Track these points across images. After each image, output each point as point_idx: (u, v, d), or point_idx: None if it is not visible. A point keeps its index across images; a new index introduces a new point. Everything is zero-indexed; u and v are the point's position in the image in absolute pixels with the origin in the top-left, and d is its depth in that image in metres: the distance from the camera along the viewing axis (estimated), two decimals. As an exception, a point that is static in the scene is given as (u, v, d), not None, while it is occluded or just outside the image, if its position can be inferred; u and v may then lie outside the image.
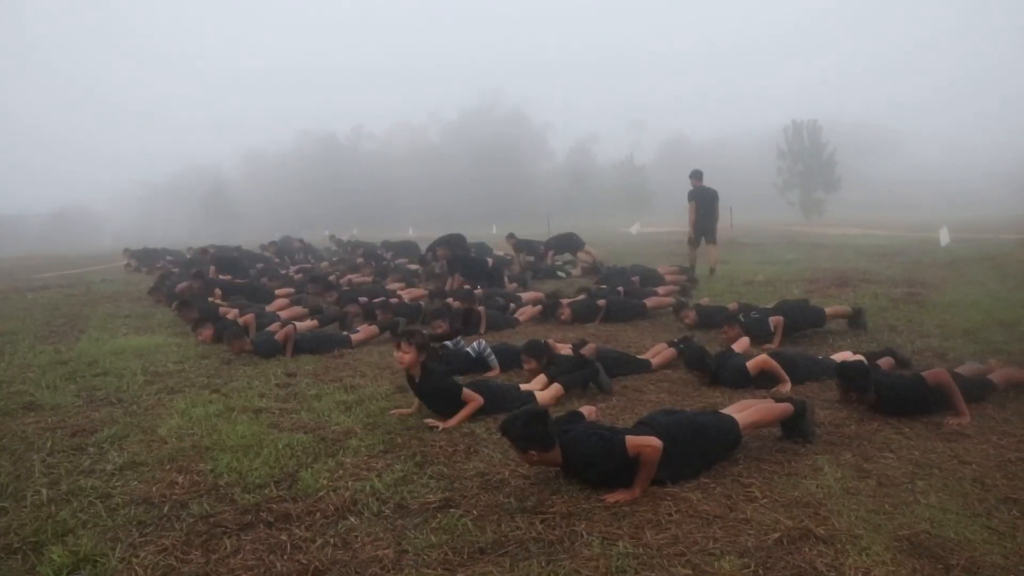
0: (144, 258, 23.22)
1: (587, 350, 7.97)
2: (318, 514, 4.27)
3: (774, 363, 6.89)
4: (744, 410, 5.28)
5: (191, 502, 4.50)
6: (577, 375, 6.89)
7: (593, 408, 5.71)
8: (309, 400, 6.82)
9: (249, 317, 10.04)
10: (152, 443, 5.66)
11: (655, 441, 4.48)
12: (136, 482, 4.86)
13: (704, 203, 15.97)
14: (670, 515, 4.15)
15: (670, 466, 4.59)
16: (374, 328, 9.64)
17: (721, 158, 77.52)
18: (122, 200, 74.40)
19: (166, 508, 4.42)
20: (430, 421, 5.93)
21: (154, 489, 4.71)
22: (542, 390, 6.68)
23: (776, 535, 3.83)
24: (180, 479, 4.86)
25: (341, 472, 4.91)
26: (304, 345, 8.96)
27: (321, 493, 4.54)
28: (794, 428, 5.36)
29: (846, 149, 53.93)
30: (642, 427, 4.85)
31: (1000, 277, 14.20)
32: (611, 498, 4.38)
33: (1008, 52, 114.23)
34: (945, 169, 76.43)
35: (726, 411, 5.34)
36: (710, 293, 13.16)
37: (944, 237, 19.05)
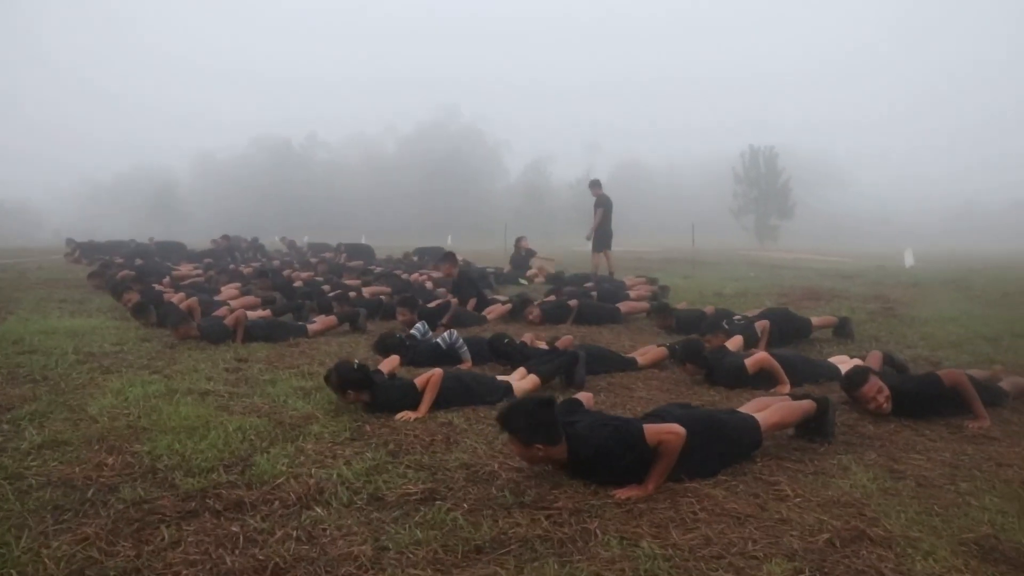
0: (88, 251, 21.90)
1: (562, 342, 7.38)
2: (276, 503, 3.57)
3: (774, 362, 6.37)
4: (762, 409, 4.71)
5: (122, 486, 3.76)
6: (554, 364, 6.29)
7: (590, 395, 5.11)
8: (262, 385, 6.08)
9: (192, 301, 9.19)
10: (79, 422, 4.88)
11: (678, 428, 3.88)
12: (56, 463, 4.09)
13: (610, 211, 16.34)
14: (695, 513, 3.55)
15: (687, 463, 3.99)
16: (332, 319, 8.90)
17: (673, 183, 78.32)
18: (65, 196, 71.81)
19: (90, 492, 3.68)
20: (401, 415, 5.23)
21: (77, 470, 3.95)
22: (519, 381, 6.06)
23: (825, 536, 3.26)
24: (110, 460, 4.11)
25: (302, 459, 4.21)
26: (257, 332, 8.19)
27: (280, 480, 3.84)
28: (815, 427, 4.82)
29: (796, 180, 54.59)
30: (655, 419, 4.26)
31: (968, 298, 14.02)
32: (622, 494, 3.77)
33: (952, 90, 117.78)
34: (890, 202, 78.11)
35: (743, 410, 4.78)
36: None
37: (909, 258, 18.99)
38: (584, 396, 4.92)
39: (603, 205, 16.27)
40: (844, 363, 7.12)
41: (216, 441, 4.42)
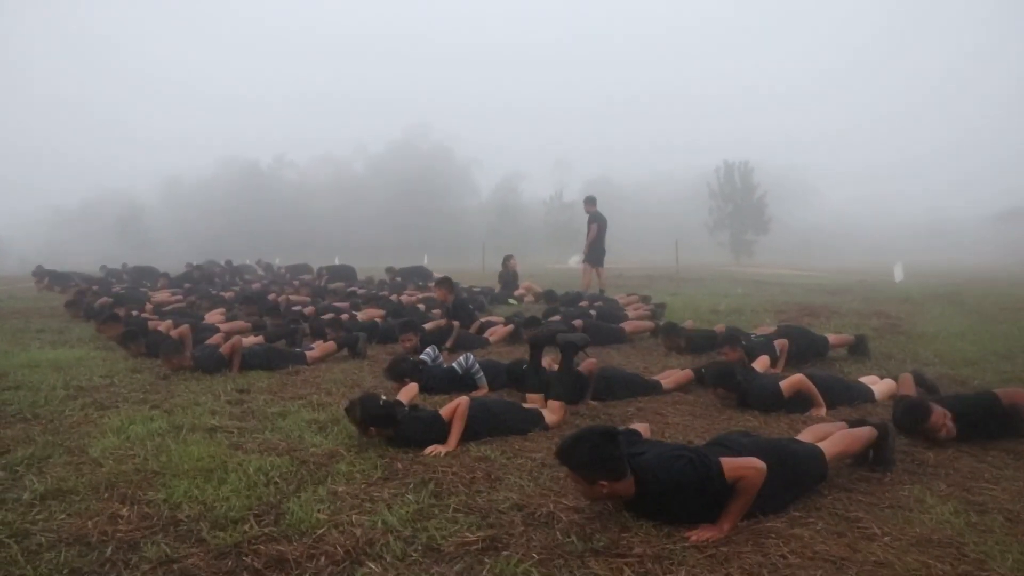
0: (59, 278, 21.12)
1: (586, 365, 7.05)
2: (323, 559, 3.18)
3: (810, 384, 6.09)
4: (821, 438, 4.41)
5: (143, 542, 3.35)
6: (573, 386, 5.95)
7: (647, 425, 4.78)
8: (272, 419, 5.66)
9: (184, 329, 8.71)
10: (82, 466, 4.45)
11: (758, 463, 3.56)
12: (64, 515, 3.67)
13: (604, 227, 16.32)
14: (784, 557, 3.23)
15: (758, 497, 3.67)
16: (331, 344, 8.48)
17: (644, 200, 78.47)
18: (29, 223, 70.13)
19: (108, 550, 3.27)
20: (431, 450, 4.85)
21: (90, 524, 3.53)
22: (546, 410, 5.72)
23: (940, 583, 2.95)
24: (124, 511, 3.69)
25: (338, 503, 3.82)
26: (254, 361, 7.75)
27: (320, 530, 3.45)
28: (876, 455, 4.53)
29: (768, 196, 54.94)
30: (721, 449, 3.93)
31: (964, 313, 13.92)
32: (696, 536, 3.43)
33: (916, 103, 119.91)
34: (858, 218, 78.96)
35: (801, 439, 4.47)
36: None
37: (899, 273, 18.92)
38: (642, 427, 4.58)
39: (597, 221, 16.14)
40: (875, 384, 6.87)
41: (238, 486, 4.02)
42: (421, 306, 12.84)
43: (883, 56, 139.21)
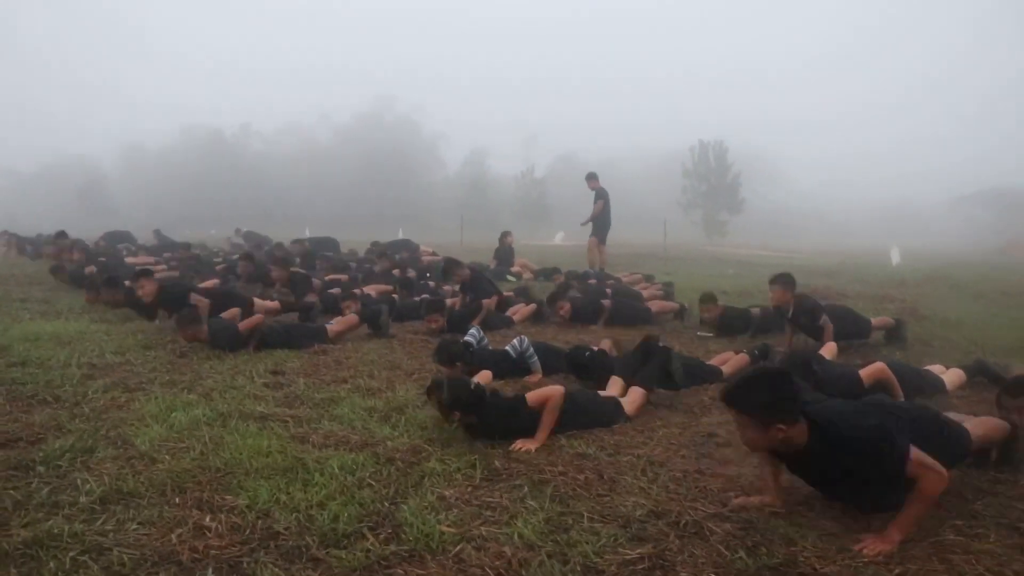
0: (31, 243, 19.96)
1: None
2: (472, 582, 2.71)
3: (891, 374, 5.72)
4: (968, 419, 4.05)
5: (245, 561, 2.85)
6: (653, 368, 5.53)
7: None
8: (323, 405, 5.13)
9: (203, 300, 8.04)
10: (133, 461, 3.90)
11: (942, 471, 3.16)
12: (136, 524, 3.13)
13: (608, 202, 15.96)
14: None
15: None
16: (352, 318, 7.89)
17: (613, 178, 78.15)
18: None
19: (209, 573, 2.75)
20: (520, 445, 4.37)
21: (174, 538, 3.01)
22: (621, 396, 5.29)
23: None
24: (207, 520, 3.16)
25: (455, 511, 3.33)
26: (275, 338, 7.17)
27: (456, 547, 2.96)
28: (1003, 452, 4.17)
29: (741, 176, 54.96)
30: (892, 418, 3.49)
31: (971, 297, 13.82)
32: (868, 549, 3.02)
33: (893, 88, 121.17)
34: (826, 201, 79.60)
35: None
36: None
37: (895, 256, 18.84)
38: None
39: (603, 197, 15.76)
40: (942, 374, 6.56)
41: (330, 489, 3.51)
42: (431, 283, 12.22)
43: (864, 51, 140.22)
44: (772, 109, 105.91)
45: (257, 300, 8.71)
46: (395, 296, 10.06)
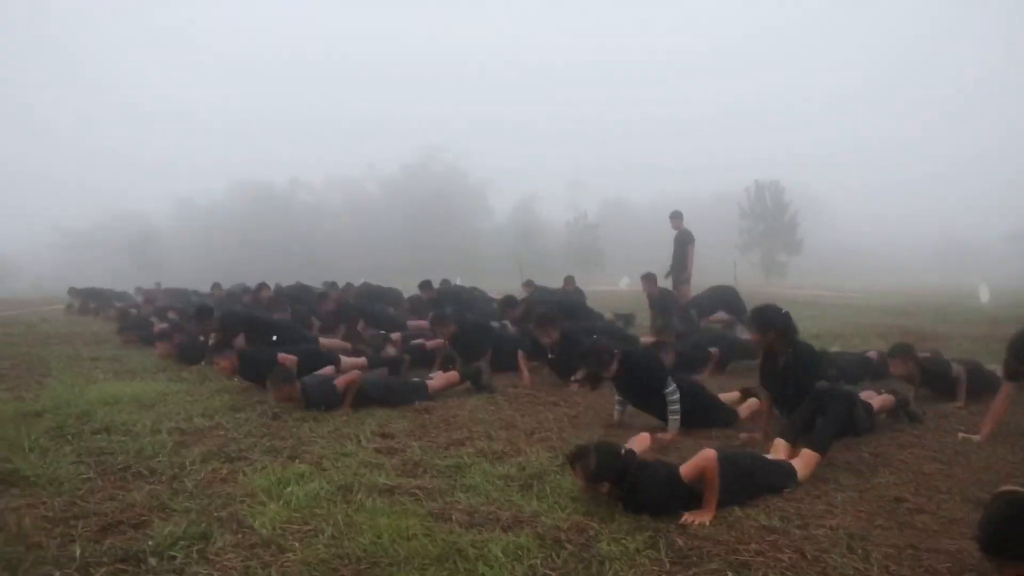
0: (95, 298, 19.83)
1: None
2: None
3: None
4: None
5: None
6: (835, 422, 4.85)
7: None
8: (449, 474, 4.54)
9: (290, 356, 7.52)
10: (257, 549, 3.33)
11: None
12: (283, 637, 2.54)
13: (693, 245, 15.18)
14: None
15: None
16: (454, 375, 7.33)
17: (659, 220, 77.36)
18: (40, 246, 69.06)
19: None
20: (689, 518, 3.71)
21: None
22: (797, 460, 4.58)
23: None
24: (370, 630, 2.56)
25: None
26: (373, 394, 6.64)
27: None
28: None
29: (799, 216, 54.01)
30: None
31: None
32: None
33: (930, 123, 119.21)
34: (869, 237, 77.86)
35: None
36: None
37: (984, 294, 17.83)
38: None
39: (691, 240, 15.04)
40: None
41: (505, 584, 2.89)
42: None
43: (891, 82, 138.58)
44: (802, 145, 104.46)
45: (343, 357, 8.17)
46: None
